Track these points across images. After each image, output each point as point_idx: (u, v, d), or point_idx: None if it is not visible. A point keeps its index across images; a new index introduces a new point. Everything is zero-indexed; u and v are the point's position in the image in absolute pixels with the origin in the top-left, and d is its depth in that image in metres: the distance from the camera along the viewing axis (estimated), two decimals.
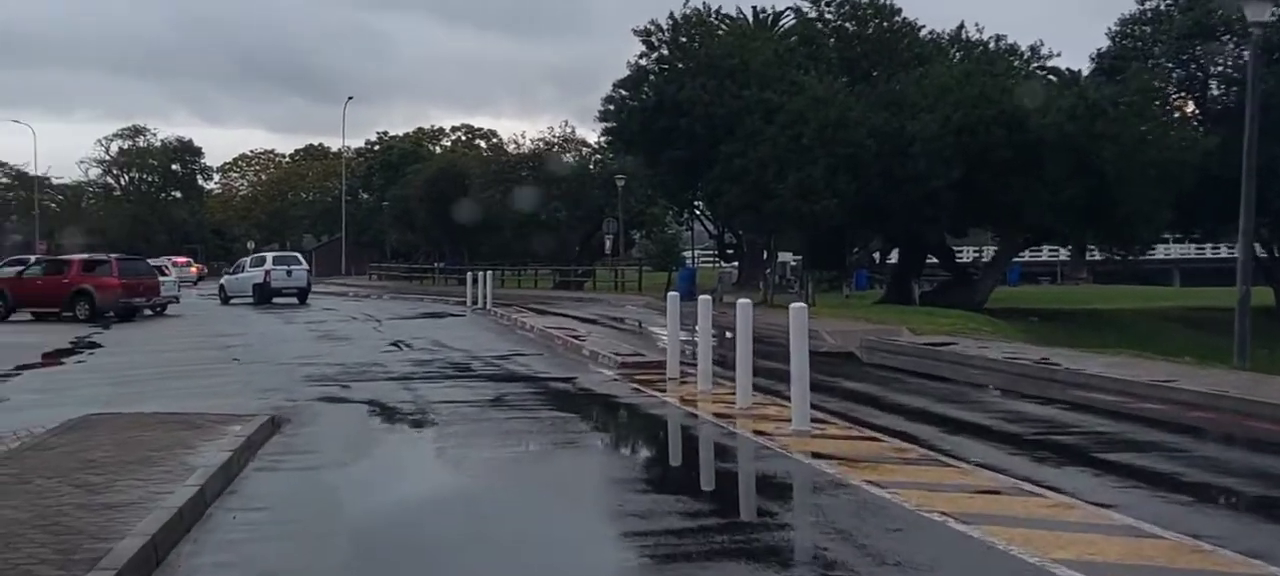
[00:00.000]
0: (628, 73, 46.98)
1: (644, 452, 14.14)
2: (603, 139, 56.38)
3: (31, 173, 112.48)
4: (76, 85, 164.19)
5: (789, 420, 13.97)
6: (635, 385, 18.55)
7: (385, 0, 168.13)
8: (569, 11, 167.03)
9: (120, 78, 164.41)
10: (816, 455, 12.16)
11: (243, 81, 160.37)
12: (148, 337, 31.73)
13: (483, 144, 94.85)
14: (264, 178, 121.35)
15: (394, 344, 27.53)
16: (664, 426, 15.32)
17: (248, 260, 53.80)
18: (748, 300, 16.53)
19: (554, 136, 67.07)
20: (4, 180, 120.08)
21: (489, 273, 44.15)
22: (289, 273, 49.17)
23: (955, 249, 56.83)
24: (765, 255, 57.18)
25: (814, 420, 13.91)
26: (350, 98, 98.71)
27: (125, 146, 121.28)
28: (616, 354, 22.24)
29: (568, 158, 68.12)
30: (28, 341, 30.58)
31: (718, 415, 15.12)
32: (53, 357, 26.16)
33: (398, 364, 22.67)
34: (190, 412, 14.00)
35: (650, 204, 65.45)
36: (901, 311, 37.35)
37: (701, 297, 18.01)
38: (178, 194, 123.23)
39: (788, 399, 15.50)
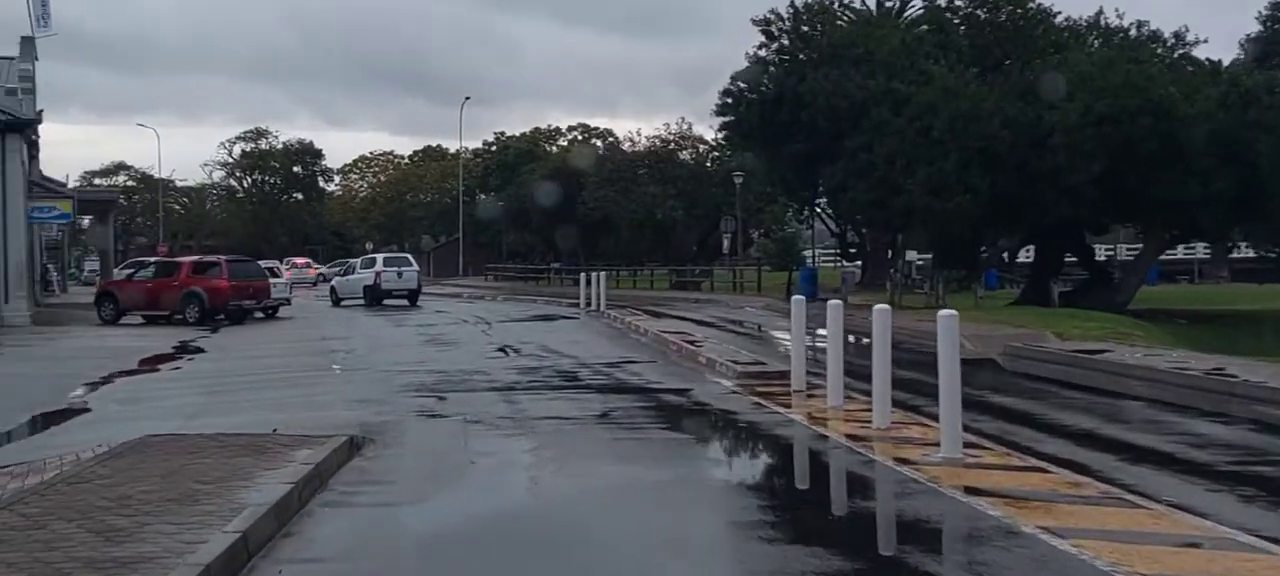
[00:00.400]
0: (746, 64, 45.09)
1: (769, 486, 12.32)
2: (720, 135, 54.59)
3: (156, 176, 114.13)
4: (205, 91, 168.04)
5: (936, 444, 12.11)
6: (756, 398, 16.77)
7: (506, 3, 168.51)
8: (688, 10, 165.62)
9: (247, 83, 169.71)
10: (973, 491, 10.29)
11: (365, 85, 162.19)
12: (252, 342, 30.80)
13: (598, 143, 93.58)
14: (383, 179, 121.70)
15: (500, 349, 26.10)
16: (791, 452, 13.53)
17: (358, 262, 53.02)
18: (886, 306, 14.63)
19: (670, 133, 65.44)
20: (130, 183, 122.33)
21: (602, 273, 42.66)
22: (400, 274, 48.20)
23: (1093, 247, 53.84)
24: (890, 254, 54.94)
25: (965, 444, 12.02)
26: (467, 98, 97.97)
27: (248, 149, 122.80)
28: (735, 362, 20.48)
29: (685, 155, 66.40)
30: (132, 345, 29.88)
31: (852, 437, 13.28)
32: (151, 363, 25.25)
33: (502, 371, 21.18)
34: (260, 433, 12.57)
35: (769, 201, 63.44)
36: (1041, 314, 34.92)
37: (832, 301, 16.16)
38: (299, 196, 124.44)
39: (931, 417, 13.66)
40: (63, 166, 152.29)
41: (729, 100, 44.97)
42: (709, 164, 65.83)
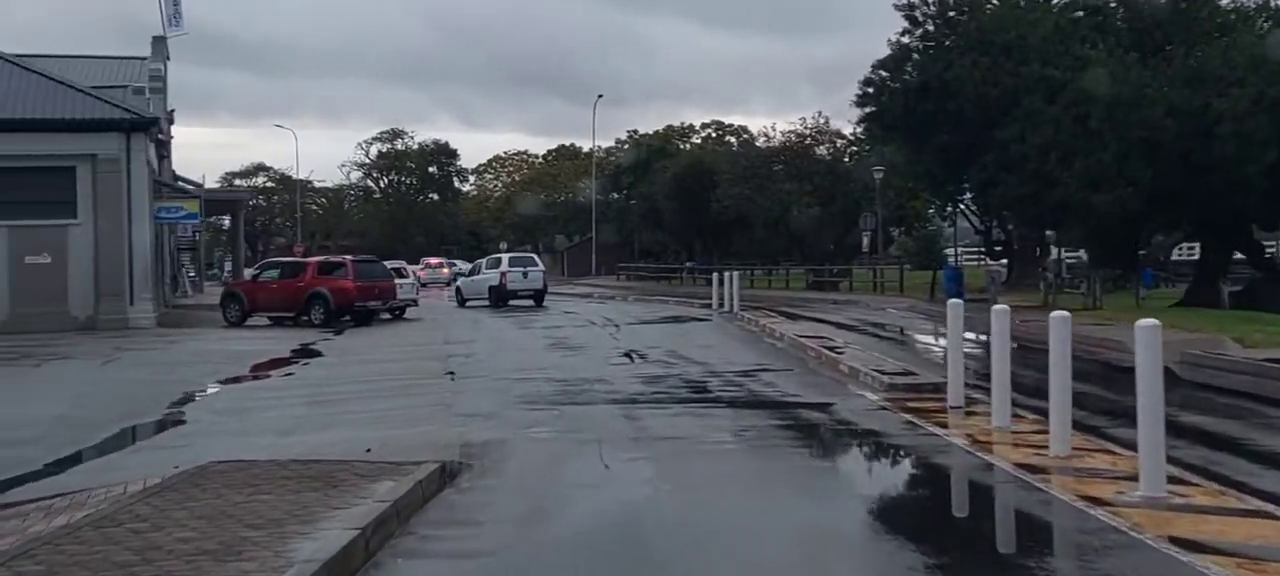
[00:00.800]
0: (888, 52, 42.71)
1: (930, 531, 10.33)
2: (859, 129, 52.31)
3: (294, 176, 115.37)
4: (347, 94, 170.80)
5: (1130, 478, 10.12)
6: (908, 416, 14.82)
7: (643, 4, 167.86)
8: (823, 8, 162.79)
9: (388, 85, 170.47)
10: (1189, 544, 8.29)
11: (503, 86, 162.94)
12: (371, 345, 29.71)
13: (733, 140, 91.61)
14: (517, 178, 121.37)
15: (626, 355, 24.46)
16: (954, 486, 11.59)
17: (484, 261, 51.70)
18: (1064, 313, 12.55)
19: (806, 128, 63.20)
20: (269, 184, 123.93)
21: (735, 273, 40.78)
22: (525, 274, 47.11)
23: (1265, 244, 50.24)
24: (1038, 251, 52.05)
25: (1167, 478, 9.97)
26: (600, 96, 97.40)
27: (384, 150, 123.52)
28: (881, 372, 18.50)
29: (821, 150, 64.13)
30: (250, 349, 29.05)
31: (1026, 467, 11.28)
32: (264, 369, 24.24)
33: (626, 380, 19.52)
34: (340, 460, 11.05)
35: (911, 198, 60.84)
36: (1212, 317, 32.05)
37: (998, 306, 14.14)
38: (434, 196, 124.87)
39: (1119, 443, 11.65)
40: (208, 168, 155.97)
41: (870, 90, 42.63)
42: (847, 159, 63.42)
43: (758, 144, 67.58)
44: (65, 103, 37.68)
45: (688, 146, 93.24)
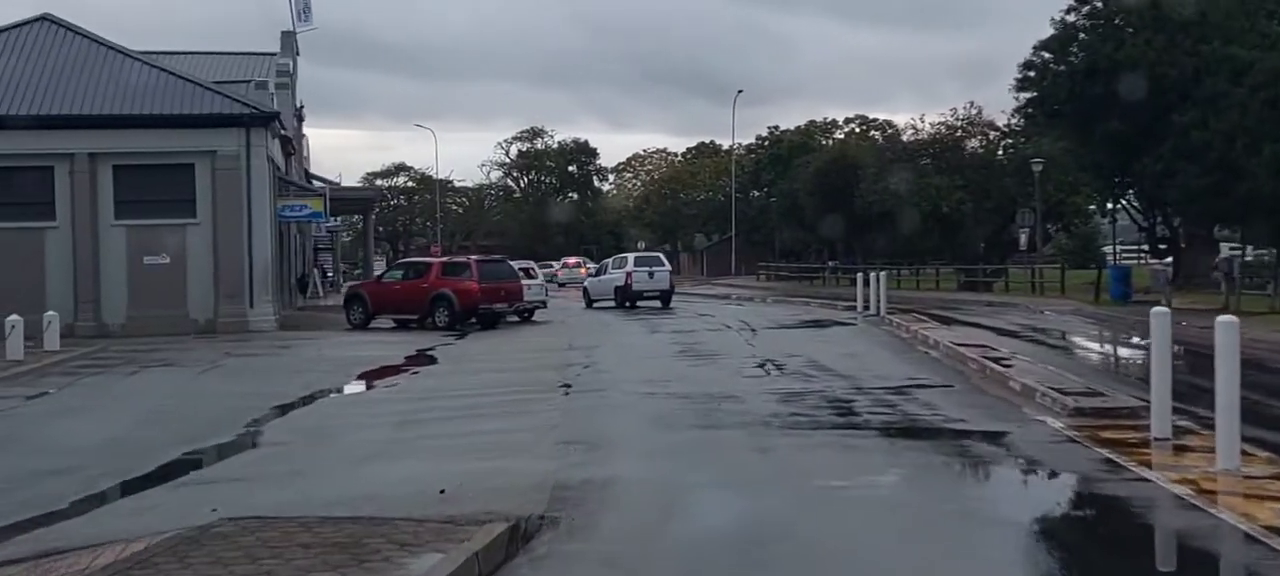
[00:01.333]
0: (1052, 32, 39.30)
1: None
2: (1015, 120, 48.81)
3: (434, 176, 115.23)
4: (493, 96, 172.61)
5: None
6: (1103, 452, 12.06)
7: (785, 2, 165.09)
8: (972, 3, 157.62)
9: (533, 87, 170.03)
10: None
11: (644, 86, 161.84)
12: (489, 351, 27.73)
13: (877, 135, 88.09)
14: (656, 177, 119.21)
15: (762, 365, 21.92)
16: (1184, 560, 8.85)
17: (610, 261, 49.46)
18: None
19: (957, 119, 59.62)
20: (410, 184, 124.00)
21: (882, 273, 37.90)
22: (651, 274, 45.10)
23: None
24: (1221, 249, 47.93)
25: None
26: (740, 91, 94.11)
27: (524, 149, 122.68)
28: (1061, 391, 15.66)
29: (973, 143, 60.54)
30: (364, 355, 27.34)
31: (1275, 531, 8.52)
32: (370, 377, 22.39)
33: (759, 397, 17.01)
34: (379, 519, 8.76)
35: (1072, 191, 56.95)
36: None
37: (1224, 319, 11.30)
38: (573, 195, 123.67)
39: None
40: (355, 170, 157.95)
41: (1031, 73, 39.31)
42: (1001, 153, 59.75)
43: (905, 137, 64.11)
44: (184, 98, 36.56)
45: (830, 142, 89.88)
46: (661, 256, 49.59)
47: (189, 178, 36.20)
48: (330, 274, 64.27)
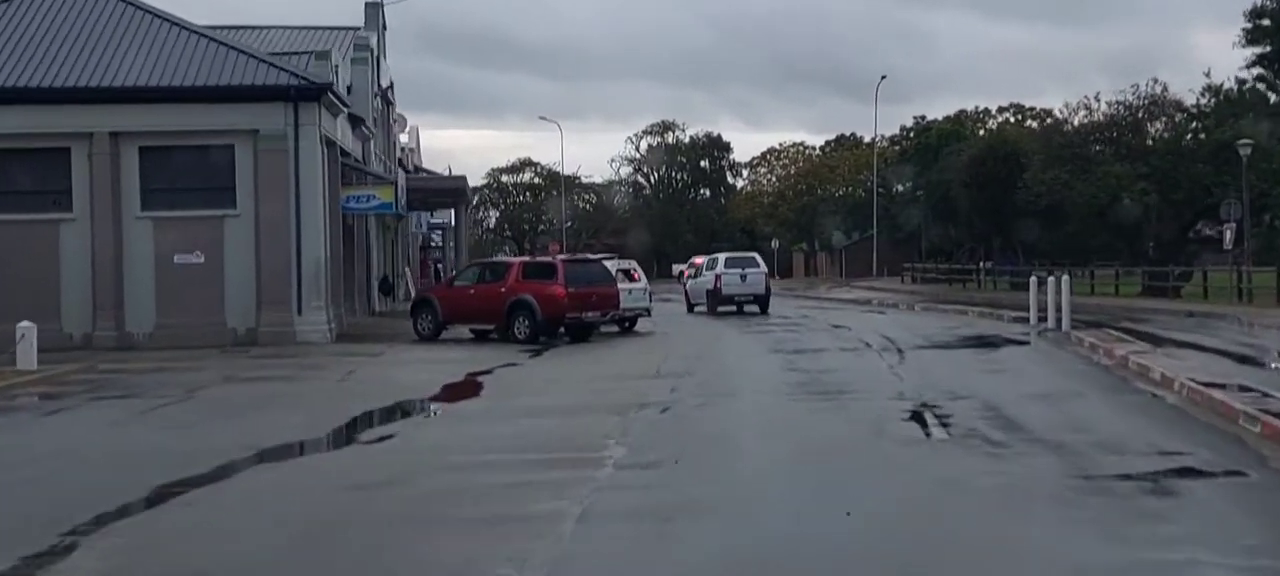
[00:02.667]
0: None
1: None
2: (1249, 72, 40.18)
3: (561, 171, 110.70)
4: (630, 96, 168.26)
5: None
6: None
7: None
8: None
9: (670, 86, 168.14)
10: None
11: (782, 84, 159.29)
12: (558, 378, 21.66)
13: (1035, 124, 79.74)
14: (792, 171, 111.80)
15: (915, 414, 15.12)
16: None
17: (704, 262, 44.49)
18: None
19: (1139, 99, 51.44)
20: (536, 181, 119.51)
21: (1065, 277, 30.54)
22: (743, 277, 40.76)
23: None
24: None
25: None
26: (883, 77, 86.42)
27: (654, 143, 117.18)
28: None
29: (1156, 126, 52.32)
30: (401, 380, 21.76)
31: None
32: (360, 425, 16.24)
33: (919, 487, 10.40)
34: None
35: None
36: None
37: None
38: (705, 192, 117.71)
39: None
40: (483, 169, 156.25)
41: (1264, 21, 31.46)
42: (1189, 137, 51.46)
43: (1076, 120, 55.80)
44: (225, 68, 31.01)
45: (983, 132, 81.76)
46: (756, 257, 44.71)
47: (228, 161, 30.70)
48: (423, 276, 58.14)
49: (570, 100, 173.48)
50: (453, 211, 50.75)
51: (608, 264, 35.88)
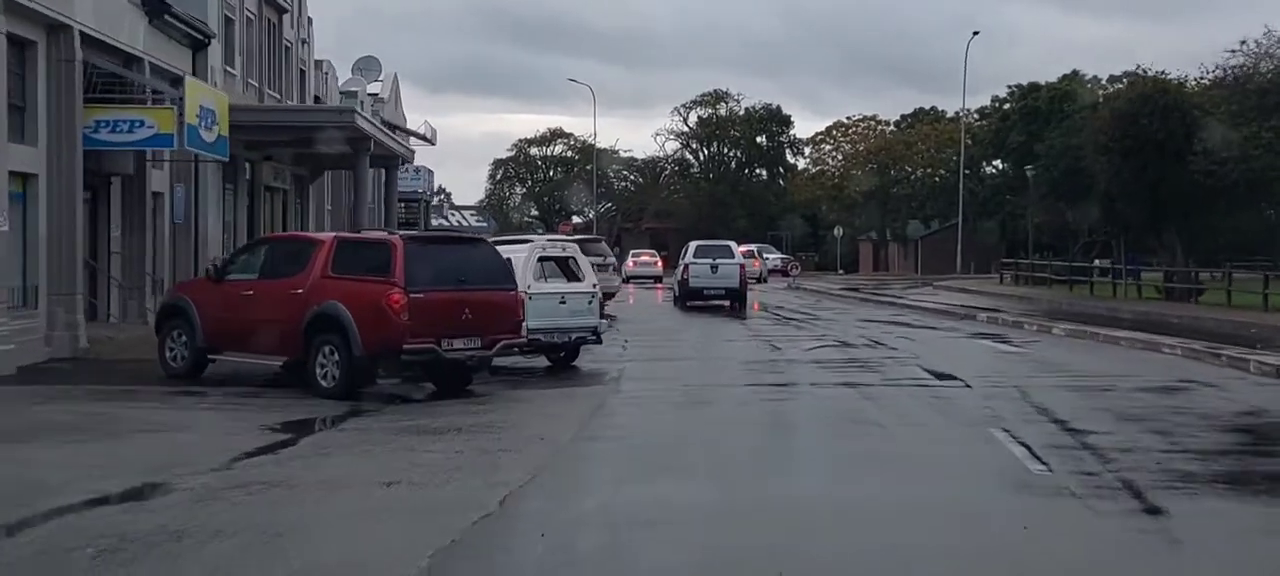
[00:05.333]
0: None
1: None
2: None
3: (594, 144, 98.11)
4: (696, 83, 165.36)
5: None
6: None
7: None
8: None
9: (739, 76, 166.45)
10: None
11: (852, 76, 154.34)
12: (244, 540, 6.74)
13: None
14: (862, 149, 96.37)
15: None
16: None
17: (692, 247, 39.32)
18: None
19: None
20: (569, 154, 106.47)
21: None
22: (713, 268, 37.38)
23: None
24: None
25: None
26: (975, 32, 70.45)
27: (704, 116, 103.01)
28: None
29: None
30: None
31: None
32: None
33: None
34: None
35: None
36: None
37: None
38: (762, 172, 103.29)
39: None
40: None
41: None
42: None
43: (1255, 67, 39.92)
44: None
45: (1103, 97, 66.07)
46: (732, 246, 40.93)
47: None
48: None
49: (636, 88, 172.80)
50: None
51: (553, 243, 21.77)
